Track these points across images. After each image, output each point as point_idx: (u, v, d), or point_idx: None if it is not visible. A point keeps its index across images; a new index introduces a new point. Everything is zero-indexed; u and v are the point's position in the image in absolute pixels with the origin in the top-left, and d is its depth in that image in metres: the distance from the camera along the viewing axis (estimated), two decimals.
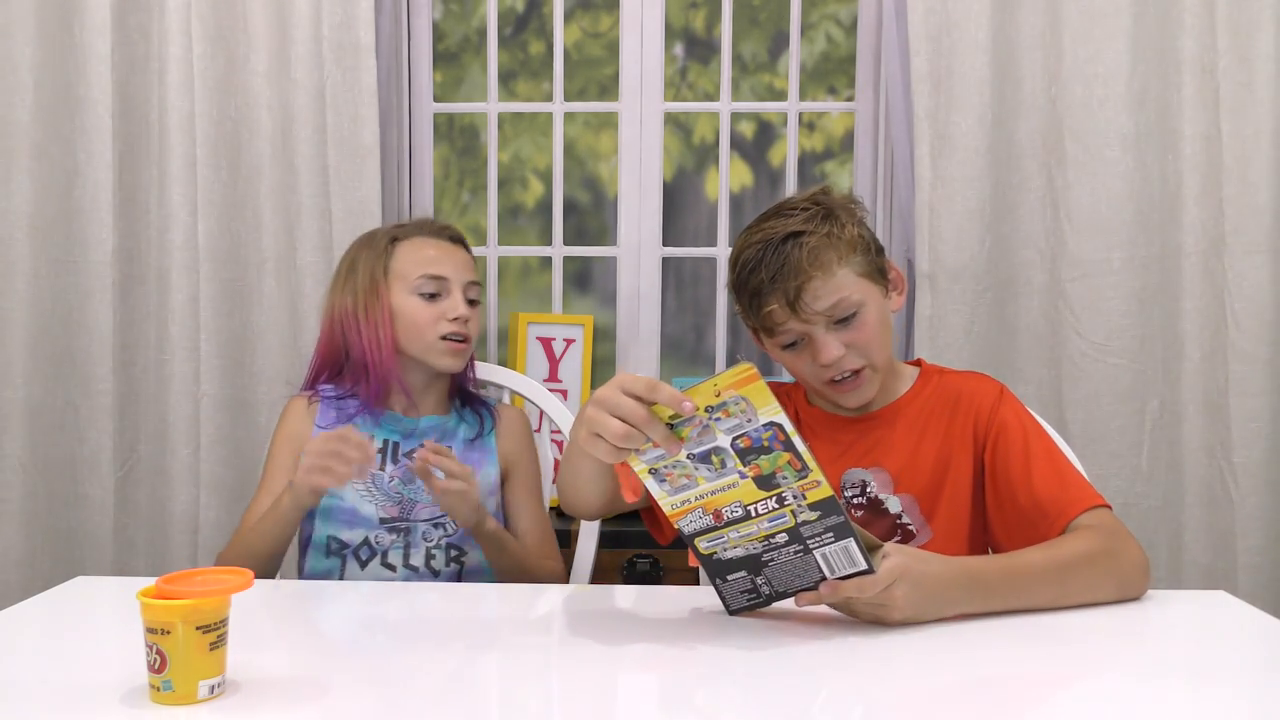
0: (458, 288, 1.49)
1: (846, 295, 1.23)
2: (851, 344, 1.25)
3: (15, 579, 1.98)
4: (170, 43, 1.97)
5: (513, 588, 1.39)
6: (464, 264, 1.52)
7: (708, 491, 1.00)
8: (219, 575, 0.88)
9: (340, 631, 1.12)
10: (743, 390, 0.94)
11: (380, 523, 1.44)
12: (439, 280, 1.48)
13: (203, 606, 0.83)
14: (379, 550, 1.44)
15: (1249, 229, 1.89)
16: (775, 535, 1.01)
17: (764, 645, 1.01)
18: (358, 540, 1.44)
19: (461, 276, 1.50)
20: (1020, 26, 1.93)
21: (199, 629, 0.82)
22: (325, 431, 1.33)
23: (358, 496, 1.44)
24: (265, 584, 1.30)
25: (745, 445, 0.97)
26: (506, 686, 0.92)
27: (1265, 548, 1.89)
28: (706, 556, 1.05)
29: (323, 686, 0.90)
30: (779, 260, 1.22)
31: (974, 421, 1.29)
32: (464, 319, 1.47)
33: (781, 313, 1.23)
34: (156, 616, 0.82)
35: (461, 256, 1.52)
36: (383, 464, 1.46)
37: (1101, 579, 1.12)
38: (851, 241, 1.25)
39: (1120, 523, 1.19)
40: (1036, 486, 1.21)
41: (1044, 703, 0.89)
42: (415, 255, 1.49)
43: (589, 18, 2.33)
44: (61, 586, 1.22)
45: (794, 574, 1.03)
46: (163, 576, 0.86)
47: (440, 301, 1.47)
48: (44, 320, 2.01)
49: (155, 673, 0.83)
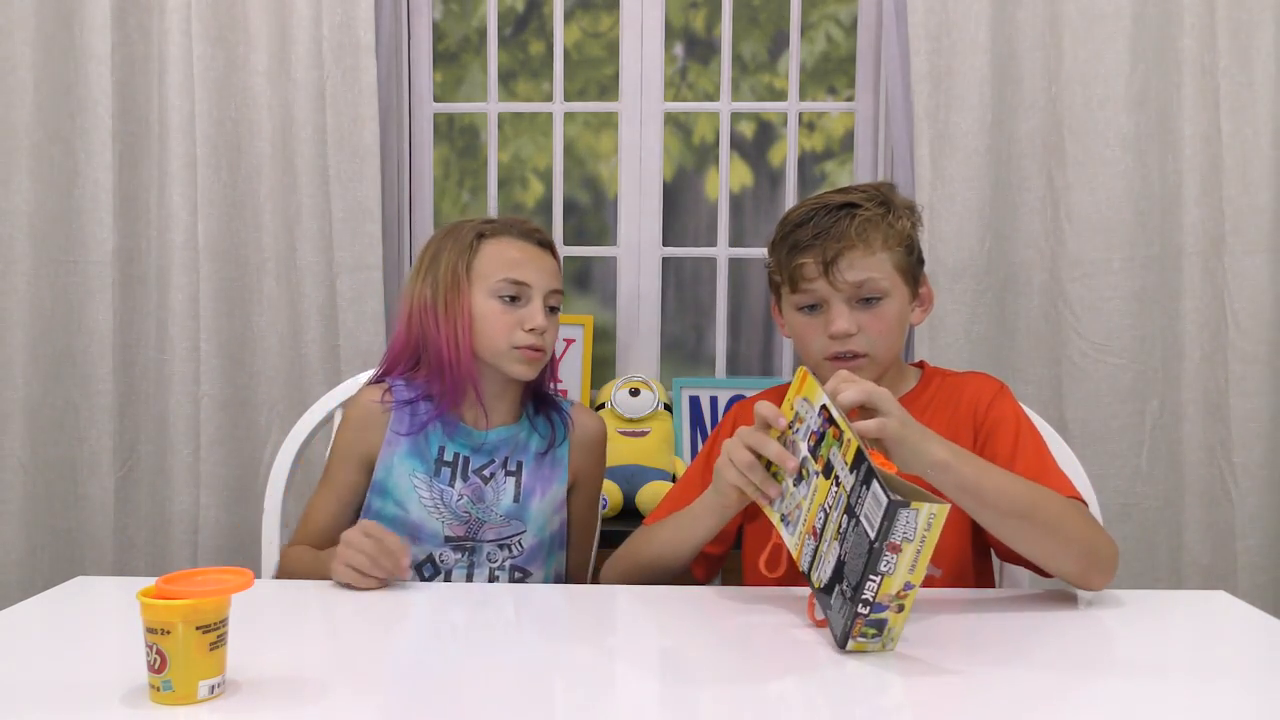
0: (539, 295, 1.41)
1: (877, 278, 1.25)
2: (865, 328, 1.26)
3: (15, 579, 1.98)
4: (170, 43, 1.97)
5: (513, 588, 1.39)
6: (549, 271, 1.44)
7: (805, 509, 1.01)
8: (219, 575, 0.87)
9: (341, 632, 1.12)
10: (803, 393, 0.99)
11: (445, 540, 1.40)
12: (520, 286, 1.40)
13: (203, 606, 0.82)
14: (444, 569, 1.40)
15: (1249, 229, 1.89)
16: (841, 522, 0.97)
17: (764, 645, 1.01)
18: (422, 556, 1.39)
19: (545, 284, 1.42)
20: (1020, 26, 1.93)
21: (199, 629, 0.82)
22: (367, 524, 1.24)
23: (424, 512, 1.39)
24: (267, 583, 1.31)
25: (814, 442, 1.00)
26: (507, 686, 0.92)
27: (1265, 548, 1.89)
28: (819, 590, 1.01)
29: (323, 687, 0.90)
30: (829, 222, 1.25)
31: (972, 418, 1.30)
32: (540, 329, 1.40)
33: (813, 269, 1.25)
34: (157, 616, 0.82)
35: (547, 263, 1.44)
36: (451, 479, 1.41)
37: (1069, 529, 1.11)
38: (901, 234, 1.28)
39: (1095, 518, 1.20)
40: (1018, 473, 1.22)
41: (1044, 702, 0.89)
42: (499, 256, 1.42)
43: (589, 18, 2.32)
44: (62, 586, 1.22)
45: (856, 555, 0.95)
46: (163, 576, 0.86)
47: (519, 308, 1.40)
48: (44, 320, 2.01)
49: (155, 673, 0.83)
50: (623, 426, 2.09)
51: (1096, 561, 1.12)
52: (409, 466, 1.39)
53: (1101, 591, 1.16)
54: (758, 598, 1.16)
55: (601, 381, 2.21)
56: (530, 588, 1.38)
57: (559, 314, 1.46)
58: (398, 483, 1.39)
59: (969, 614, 1.10)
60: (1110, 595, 1.17)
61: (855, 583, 0.93)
